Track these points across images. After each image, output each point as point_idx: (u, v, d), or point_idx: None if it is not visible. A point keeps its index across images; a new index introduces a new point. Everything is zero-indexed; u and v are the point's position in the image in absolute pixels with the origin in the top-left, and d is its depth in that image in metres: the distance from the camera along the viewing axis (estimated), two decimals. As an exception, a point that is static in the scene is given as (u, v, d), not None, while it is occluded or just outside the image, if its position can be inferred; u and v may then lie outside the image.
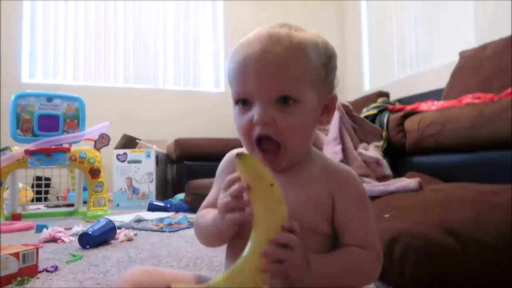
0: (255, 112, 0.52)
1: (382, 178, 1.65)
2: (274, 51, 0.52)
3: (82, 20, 3.98)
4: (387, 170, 1.73)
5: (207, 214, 0.59)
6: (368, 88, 4.02)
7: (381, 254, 0.56)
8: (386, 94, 3.20)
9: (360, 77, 4.16)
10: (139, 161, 3.25)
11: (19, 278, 0.96)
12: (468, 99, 1.94)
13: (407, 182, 1.23)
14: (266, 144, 0.54)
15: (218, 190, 0.61)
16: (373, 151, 1.73)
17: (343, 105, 1.77)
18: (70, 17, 3.95)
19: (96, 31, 4.02)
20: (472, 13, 2.78)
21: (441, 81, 2.58)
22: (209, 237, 0.58)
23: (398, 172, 1.97)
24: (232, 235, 0.54)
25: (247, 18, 4.09)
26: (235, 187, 0.50)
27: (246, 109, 0.54)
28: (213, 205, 0.60)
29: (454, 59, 2.55)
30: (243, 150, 0.62)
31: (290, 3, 4.35)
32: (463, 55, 2.47)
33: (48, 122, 2.30)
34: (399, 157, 1.98)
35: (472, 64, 2.32)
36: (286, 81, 0.52)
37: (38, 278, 1.01)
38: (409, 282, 0.85)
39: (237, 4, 4.31)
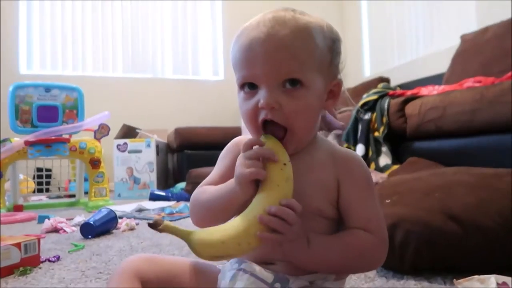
0: (261, 97, 0.51)
1: None
2: (281, 33, 0.51)
3: (80, 9, 3.94)
4: None
5: (209, 188, 0.58)
6: (368, 74, 3.99)
7: (387, 240, 0.55)
8: (386, 80, 3.18)
9: (360, 63, 4.13)
10: (140, 151, 3.24)
11: (21, 268, 0.96)
12: (469, 83, 1.92)
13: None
14: (272, 129, 0.53)
15: (221, 170, 0.61)
16: (332, 139, 1.70)
17: None
18: (67, 7, 3.91)
19: (94, 20, 3.98)
20: (473, -4, 2.74)
21: (442, 66, 2.56)
22: (213, 209, 0.56)
23: (398, 157, 1.96)
24: (241, 204, 0.52)
25: (245, 5, 4.04)
26: (258, 149, 0.51)
27: (252, 93, 0.53)
28: (214, 184, 0.59)
29: (455, 43, 2.53)
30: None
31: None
32: (464, 39, 2.45)
33: (47, 112, 2.29)
34: (399, 143, 1.97)
35: (473, 48, 2.30)
36: (293, 64, 0.51)
37: (40, 268, 1.02)
38: (409, 267, 0.85)
39: (235, -9, 4.26)
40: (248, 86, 0.54)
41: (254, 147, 0.53)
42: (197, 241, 0.47)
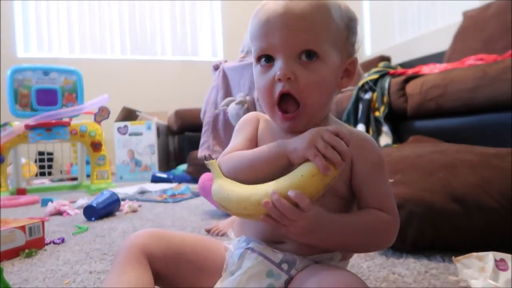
0: (277, 68, 0.52)
1: None
2: (298, 6, 0.52)
3: (75, -10, 3.88)
4: None
5: (246, 152, 0.56)
6: (369, 53, 3.95)
7: (399, 218, 0.55)
8: (387, 59, 3.15)
9: (361, 41, 4.08)
10: (140, 134, 3.25)
11: (27, 250, 0.98)
12: (471, 60, 1.90)
13: None
14: (286, 105, 0.53)
15: (244, 138, 0.60)
16: None
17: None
18: (62, -12, 3.84)
19: (91, 1, 3.91)
20: (476, -29, 2.68)
21: (443, 43, 2.53)
22: (254, 168, 0.53)
23: (399, 137, 1.96)
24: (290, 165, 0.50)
25: (244, -17, 3.97)
26: (342, 145, 0.47)
27: (268, 66, 0.54)
28: (241, 149, 0.58)
29: (457, 20, 2.49)
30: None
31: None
32: (466, 15, 2.41)
33: (46, 96, 2.28)
34: (400, 122, 1.96)
35: (475, 25, 2.26)
36: (310, 35, 0.52)
37: (45, 250, 1.03)
38: (410, 246, 0.86)
39: (233, -31, 4.17)
40: (265, 59, 0.54)
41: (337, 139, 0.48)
42: (217, 185, 0.52)
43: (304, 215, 0.46)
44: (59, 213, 1.57)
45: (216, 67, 1.70)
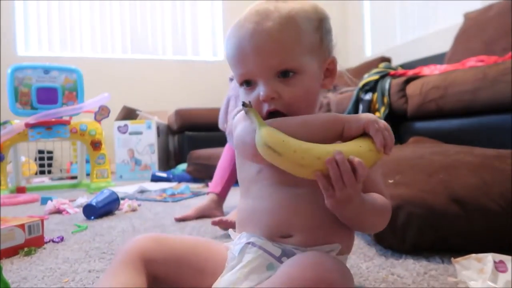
0: (260, 90, 0.54)
1: None
2: (265, 27, 0.53)
3: (76, -12, 3.88)
4: None
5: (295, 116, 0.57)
6: (370, 54, 3.95)
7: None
8: (388, 59, 3.15)
9: (362, 42, 4.07)
10: (140, 133, 3.25)
11: (26, 249, 0.98)
12: (471, 62, 1.90)
13: None
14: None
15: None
16: None
17: None
18: (63, -14, 3.84)
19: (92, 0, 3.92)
20: (477, -27, 2.68)
21: (444, 45, 2.53)
22: (314, 125, 0.54)
23: (399, 138, 1.96)
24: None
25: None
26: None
27: (251, 89, 0.56)
28: None
29: (458, 21, 2.49)
30: None
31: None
32: (467, 17, 2.41)
33: (46, 94, 2.28)
34: (400, 123, 1.96)
35: (476, 26, 2.26)
36: (282, 55, 0.53)
37: (45, 248, 1.03)
38: (410, 248, 0.86)
39: (235, -31, 4.17)
40: (246, 83, 0.56)
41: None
42: (266, 130, 0.50)
43: (356, 184, 0.48)
44: (59, 211, 1.57)
45: (232, 78, 1.71)
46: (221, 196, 1.42)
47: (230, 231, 0.62)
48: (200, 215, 1.38)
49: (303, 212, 0.55)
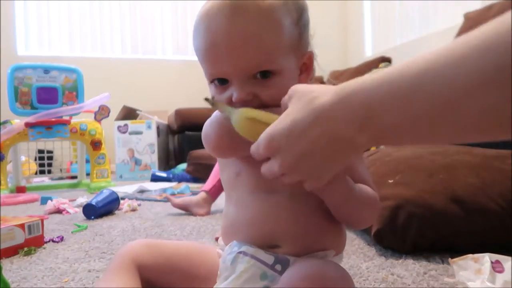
0: (233, 91, 0.49)
1: None
2: (243, 24, 0.47)
3: (76, -12, 3.88)
4: None
5: None
6: (370, 53, 3.95)
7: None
8: (388, 59, 3.15)
9: (362, 42, 4.08)
10: (140, 132, 3.25)
11: (26, 249, 0.98)
12: (471, 62, 1.90)
13: None
14: None
15: None
16: None
17: None
18: (63, -14, 3.84)
19: (91, -1, 3.92)
20: (477, -27, 2.68)
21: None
22: None
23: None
24: None
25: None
26: None
27: (223, 88, 0.51)
28: None
29: (459, 21, 2.49)
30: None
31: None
32: (468, 17, 2.41)
33: (46, 94, 2.28)
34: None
35: (476, 26, 2.26)
36: (261, 56, 0.48)
37: (44, 248, 1.03)
38: (410, 247, 0.86)
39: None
40: (218, 81, 0.51)
41: None
42: (242, 109, 0.46)
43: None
44: (59, 211, 1.57)
45: None
46: (211, 195, 1.46)
47: (219, 239, 0.61)
48: (184, 208, 1.44)
49: (285, 221, 0.52)
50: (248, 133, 0.45)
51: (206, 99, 0.48)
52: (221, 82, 0.51)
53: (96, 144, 2.41)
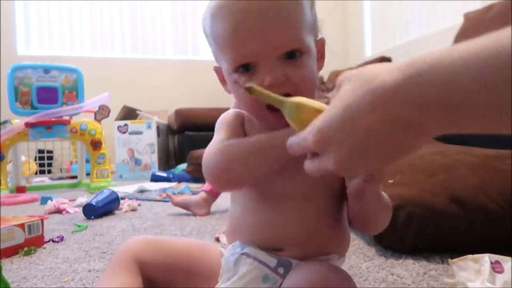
0: (265, 74, 0.46)
1: None
2: (269, 2, 0.46)
3: (76, -12, 3.88)
4: None
5: (247, 139, 0.51)
6: (370, 53, 3.95)
7: None
8: (388, 59, 3.15)
9: (362, 42, 4.08)
10: (140, 132, 3.25)
11: (26, 248, 0.98)
12: (471, 62, 1.90)
13: None
14: None
15: (229, 132, 0.54)
16: None
17: None
18: (63, -14, 3.84)
19: (91, -1, 3.92)
20: (478, -27, 2.68)
21: (444, 45, 2.52)
22: (268, 158, 0.48)
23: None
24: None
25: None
26: None
27: (249, 75, 0.48)
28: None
29: (459, 21, 2.49)
30: None
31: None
32: (468, 17, 2.41)
33: (46, 94, 2.28)
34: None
35: (477, 26, 2.26)
36: (290, 34, 0.47)
37: (44, 248, 1.03)
38: (410, 247, 0.86)
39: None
40: (244, 68, 0.48)
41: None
42: (293, 103, 0.42)
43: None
44: (59, 211, 1.57)
45: None
46: (212, 195, 1.46)
47: (221, 236, 0.61)
48: (184, 206, 1.45)
49: (292, 229, 0.51)
50: (304, 122, 0.40)
51: (247, 88, 0.43)
52: (246, 68, 0.48)
53: (96, 144, 2.41)
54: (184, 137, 3.31)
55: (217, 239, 1.07)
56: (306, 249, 0.51)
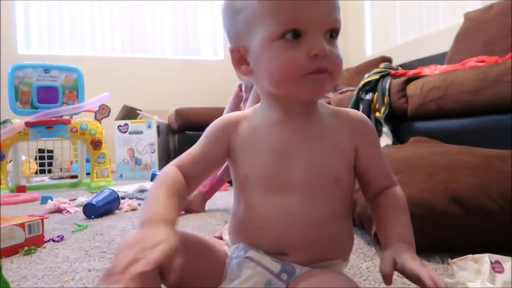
0: (313, 44, 0.47)
1: None
2: None
3: (76, -12, 3.87)
4: None
5: (162, 191, 0.52)
6: (370, 53, 3.95)
7: None
8: (388, 59, 3.15)
9: (362, 42, 4.07)
10: (141, 132, 3.25)
11: (26, 248, 0.98)
12: (472, 62, 1.90)
13: None
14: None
15: (203, 149, 0.57)
16: None
17: None
18: (63, -15, 3.84)
19: (91, -1, 3.92)
20: (478, -28, 2.68)
21: (445, 45, 2.53)
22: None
23: (399, 138, 1.96)
24: None
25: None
26: None
27: (295, 43, 0.47)
28: (194, 160, 0.57)
29: (459, 21, 2.49)
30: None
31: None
32: (468, 17, 2.41)
33: (47, 94, 2.28)
34: (400, 123, 1.96)
35: (477, 26, 2.26)
36: (337, 13, 0.49)
37: (44, 247, 1.03)
38: (410, 247, 0.86)
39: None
40: (292, 34, 0.47)
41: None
42: None
43: None
44: (59, 211, 1.57)
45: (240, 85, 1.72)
46: (206, 195, 1.51)
47: (224, 233, 0.60)
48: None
49: (295, 230, 0.51)
50: None
51: None
52: (295, 35, 0.47)
53: (96, 144, 2.41)
54: (185, 137, 3.31)
55: (220, 238, 1.08)
56: (309, 254, 0.51)
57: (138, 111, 3.51)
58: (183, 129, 3.32)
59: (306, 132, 0.53)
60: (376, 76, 2.13)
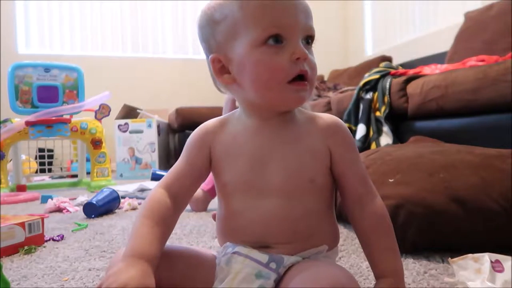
0: (295, 48, 0.50)
1: None
2: None
3: (76, -13, 3.87)
4: None
5: (145, 221, 0.52)
6: (370, 53, 3.95)
7: None
8: (388, 59, 3.15)
9: (362, 41, 4.07)
10: (141, 131, 3.25)
11: (26, 247, 0.98)
12: (472, 61, 1.90)
13: None
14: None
15: (186, 162, 0.59)
16: None
17: None
18: (63, -16, 3.84)
19: (91, -2, 3.92)
20: (478, -28, 2.68)
21: (445, 44, 2.53)
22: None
23: (399, 137, 1.96)
24: None
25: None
26: None
27: (278, 48, 0.50)
28: (179, 176, 0.58)
29: (459, 20, 2.49)
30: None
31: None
32: (468, 16, 2.41)
33: (47, 93, 2.28)
34: (401, 123, 1.96)
35: (477, 25, 2.26)
36: (311, 20, 0.53)
37: (45, 246, 1.04)
38: (410, 247, 0.86)
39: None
40: (275, 39, 0.50)
41: None
42: None
43: None
44: (59, 210, 1.57)
45: None
46: (209, 194, 1.49)
47: (216, 240, 0.61)
48: None
49: (274, 228, 0.54)
50: None
51: None
52: (276, 40, 0.50)
53: (96, 143, 2.41)
54: (185, 136, 3.31)
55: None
56: (292, 246, 0.53)
57: (138, 110, 3.51)
58: (183, 128, 3.32)
59: (282, 138, 0.55)
60: (377, 76, 2.13)
